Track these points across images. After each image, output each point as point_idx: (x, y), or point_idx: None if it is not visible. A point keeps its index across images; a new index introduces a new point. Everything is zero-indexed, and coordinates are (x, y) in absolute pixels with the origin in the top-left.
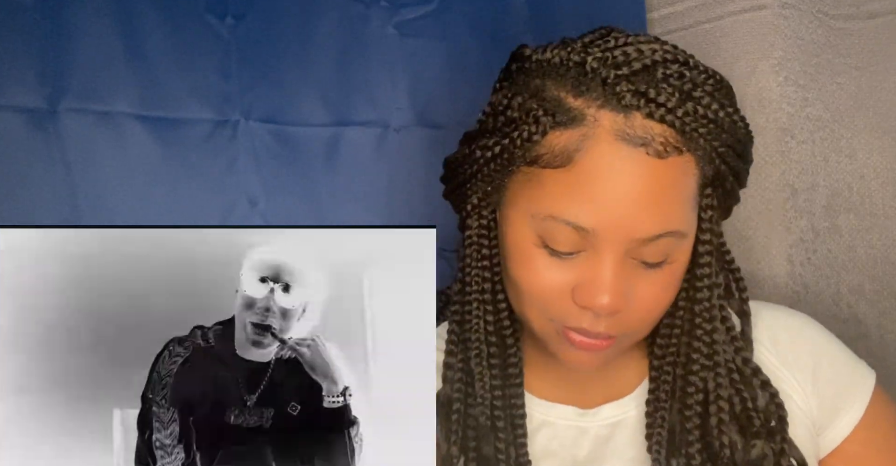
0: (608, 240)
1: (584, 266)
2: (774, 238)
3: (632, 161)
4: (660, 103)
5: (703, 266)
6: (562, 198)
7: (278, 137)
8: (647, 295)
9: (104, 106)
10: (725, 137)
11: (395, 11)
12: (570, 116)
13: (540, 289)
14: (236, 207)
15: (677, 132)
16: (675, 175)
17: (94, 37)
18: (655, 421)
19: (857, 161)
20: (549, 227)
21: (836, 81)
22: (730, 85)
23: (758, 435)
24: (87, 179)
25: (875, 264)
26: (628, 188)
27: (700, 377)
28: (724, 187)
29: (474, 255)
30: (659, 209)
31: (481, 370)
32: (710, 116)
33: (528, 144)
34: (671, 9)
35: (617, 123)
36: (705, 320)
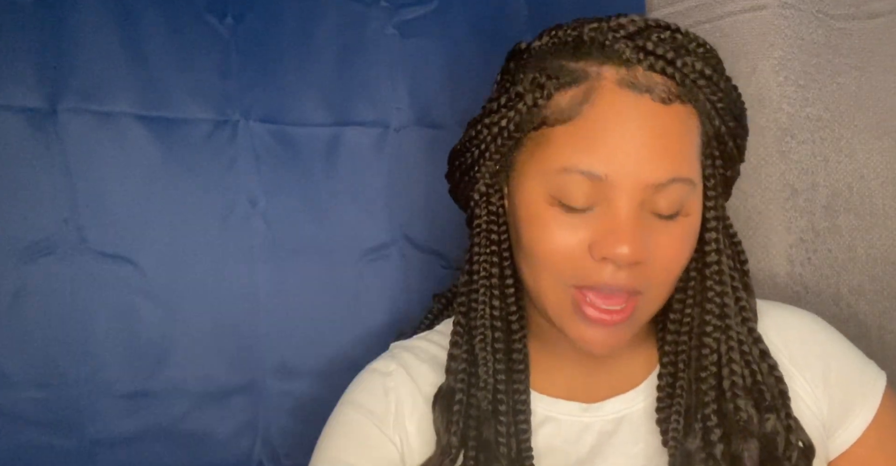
0: (622, 187)
1: (599, 221)
2: (774, 238)
3: (638, 106)
4: (659, 55)
5: (711, 231)
6: (572, 149)
7: (278, 137)
8: (666, 248)
9: (104, 106)
10: (722, 96)
11: (395, 11)
12: (574, 77)
13: (556, 249)
14: (236, 207)
15: (678, 84)
16: (680, 123)
17: (94, 37)
18: (676, 392)
19: (857, 161)
20: (562, 181)
21: (836, 81)
22: (719, 57)
23: (770, 410)
24: (87, 179)
25: (875, 264)
26: (637, 132)
27: (714, 338)
28: (724, 150)
29: (483, 242)
30: (668, 154)
31: (485, 355)
32: (707, 73)
33: (535, 109)
34: (671, 9)
35: (620, 74)
36: (716, 282)
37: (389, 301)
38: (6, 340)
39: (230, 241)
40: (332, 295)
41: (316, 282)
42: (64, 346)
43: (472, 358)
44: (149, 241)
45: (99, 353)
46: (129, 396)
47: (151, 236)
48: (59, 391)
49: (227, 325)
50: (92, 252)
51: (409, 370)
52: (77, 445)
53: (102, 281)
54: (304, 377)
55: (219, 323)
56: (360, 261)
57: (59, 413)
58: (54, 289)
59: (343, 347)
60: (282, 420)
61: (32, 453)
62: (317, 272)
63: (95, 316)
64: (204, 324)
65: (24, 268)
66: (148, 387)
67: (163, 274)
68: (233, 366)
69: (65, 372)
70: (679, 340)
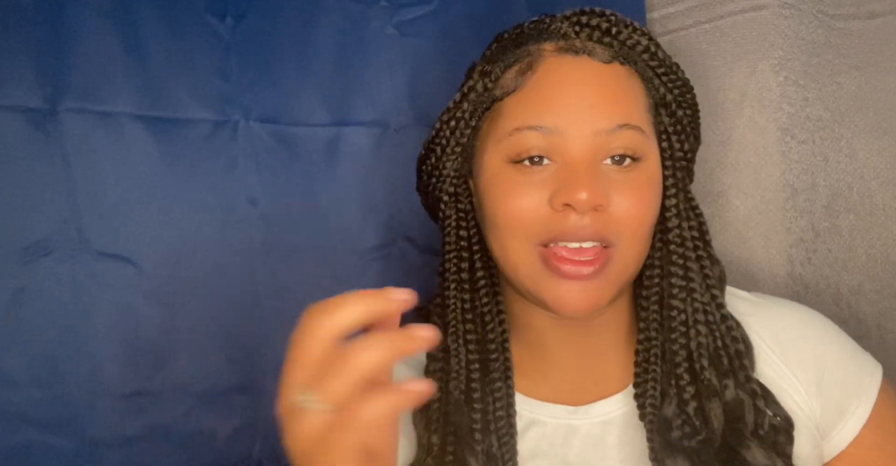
0: (572, 136)
1: (556, 175)
2: (774, 238)
3: (579, 65)
4: (594, 26)
5: (671, 197)
6: (521, 111)
7: (278, 137)
8: (627, 196)
9: (104, 106)
10: (660, 64)
11: (395, 11)
12: (517, 56)
13: (518, 208)
14: (236, 207)
15: (615, 51)
16: (623, 79)
17: (94, 37)
18: (650, 358)
19: (857, 161)
20: (515, 140)
21: (836, 81)
22: (658, 42)
23: (727, 375)
24: (87, 179)
25: (875, 264)
26: (581, 86)
27: (680, 299)
28: (675, 118)
29: (453, 239)
30: (614, 104)
31: (456, 346)
32: (644, 44)
33: (486, 94)
34: (671, 9)
35: (558, 44)
36: (678, 245)
37: None
38: (6, 340)
39: (230, 241)
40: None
41: (316, 282)
42: (64, 346)
43: (447, 354)
44: (149, 241)
45: (99, 353)
46: (129, 396)
47: (151, 236)
48: (59, 391)
49: (227, 325)
50: (92, 252)
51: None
52: (77, 445)
53: (102, 281)
54: None
55: (219, 323)
56: (360, 261)
57: (59, 413)
58: (54, 289)
59: None
60: None
61: (32, 453)
62: (317, 272)
63: (95, 316)
64: (204, 324)
65: (24, 268)
66: (148, 387)
67: (163, 274)
68: (233, 366)
69: (65, 372)
70: (650, 307)
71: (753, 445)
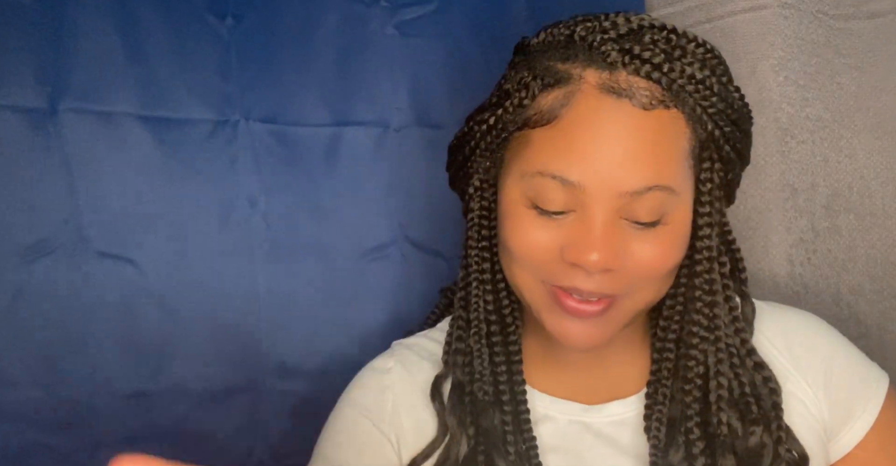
0: (596, 195)
1: (573, 226)
2: (774, 238)
3: (616, 112)
4: (644, 59)
5: (703, 239)
6: (548, 152)
7: (278, 137)
8: (643, 254)
9: (104, 106)
10: (716, 100)
11: (395, 11)
12: (557, 77)
13: (529, 248)
14: (236, 207)
15: (663, 89)
16: (662, 128)
17: (94, 37)
18: (658, 398)
19: (857, 161)
20: (538, 184)
21: (836, 81)
22: (723, 58)
23: (756, 422)
24: (87, 179)
25: (875, 264)
26: (613, 140)
27: (700, 349)
28: (720, 154)
29: (475, 236)
30: (646, 162)
31: (480, 348)
32: (699, 77)
33: (520, 109)
34: (671, 9)
35: (601, 78)
36: (705, 292)
37: (389, 301)
38: (6, 340)
39: (230, 241)
40: (332, 295)
41: (316, 282)
42: (64, 346)
43: (470, 351)
44: (149, 241)
45: (99, 353)
46: (129, 396)
47: (151, 236)
48: (59, 391)
49: (227, 325)
50: (92, 252)
51: (407, 367)
52: (77, 445)
53: (102, 281)
54: (304, 377)
55: (219, 323)
56: (360, 261)
57: (59, 413)
58: (54, 289)
59: (343, 347)
60: (282, 420)
61: (33, 453)
62: (317, 272)
63: (95, 316)
64: (204, 324)
65: (24, 268)
66: (148, 387)
67: (163, 274)
68: (233, 366)
69: (65, 372)
70: (665, 347)
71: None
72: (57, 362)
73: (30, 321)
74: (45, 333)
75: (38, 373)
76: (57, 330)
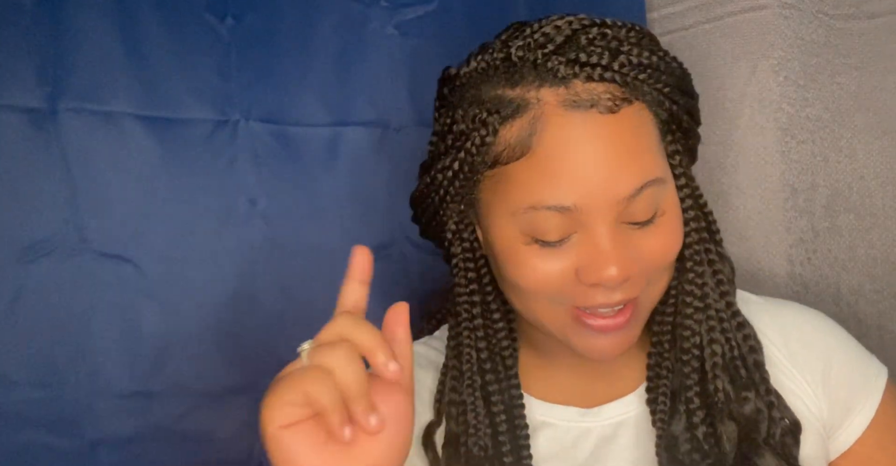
0: (595, 210)
1: (579, 248)
2: (774, 238)
3: (587, 125)
4: (594, 64)
5: (687, 211)
6: (534, 185)
7: (278, 137)
8: (652, 248)
9: (104, 106)
10: (666, 78)
11: (395, 11)
12: (514, 106)
13: (544, 283)
14: (236, 207)
15: (620, 85)
16: (633, 125)
17: (94, 37)
18: (661, 372)
19: (857, 161)
20: (533, 219)
21: (836, 81)
22: (651, 33)
23: (747, 387)
24: (87, 179)
25: (875, 264)
26: (593, 152)
27: (695, 320)
28: (681, 127)
29: (462, 282)
30: (631, 162)
31: (474, 401)
32: (645, 63)
33: (484, 148)
34: (671, 9)
35: (560, 95)
36: (696, 263)
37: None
38: (6, 340)
39: (230, 241)
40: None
41: (316, 282)
42: (64, 346)
43: (464, 403)
44: (149, 241)
45: (99, 353)
46: (129, 396)
47: (151, 236)
48: (59, 391)
49: (227, 325)
50: (92, 252)
51: None
52: (77, 445)
53: (102, 281)
54: None
55: (219, 323)
56: None
57: (59, 413)
58: (54, 289)
59: None
60: None
61: (32, 453)
62: (317, 272)
63: (95, 316)
64: (204, 324)
65: (24, 268)
66: (148, 387)
67: (163, 274)
68: (233, 366)
69: (64, 372)
70: (664, 320)
71: (766, 452)
72: (57, 362)
73: (30, 321)
74: (45, 333)
75: (38, 373)
76: (57, 330)
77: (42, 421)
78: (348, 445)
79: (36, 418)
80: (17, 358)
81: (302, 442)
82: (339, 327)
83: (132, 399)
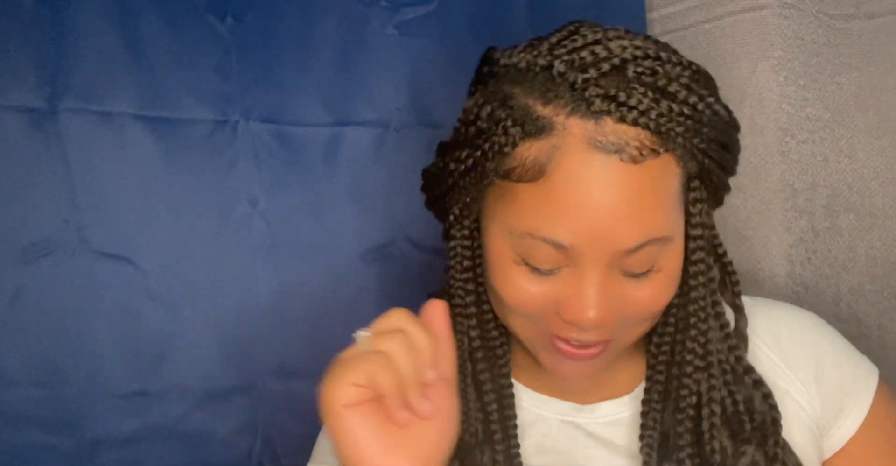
0: (590, 255)
1: (566, 281)
2: (774, 238)
3: (606, 170)
4: (631, 106)
5: (697, 263)
6: (537, 214)
7: (278, 137)
8: (638, 302)
9: (104, 106)
10: (706, 131)
11: (395, 11)
12: (539, 126)
13: (524, 302)
14: (236, 207)
15: (652, 133)
16: (654, 179)
17: (94, 37)
18: (648, 423)
19: (857, 161)
20: (528, 244)
21: (836, 81)
22: (708, 74)
23: (748, 441)
24: (87, 179)
25: (875, 264)
26: (604, 199)
27: (694, 379)
28: (710, 179)
29: (457, 267)
30: (639, 218)
31: (465, 387)
32: (687, 113)
33: (500, 156)
34: (671, 9)
35: (587, 130)
36: (700, 319)
37: (389, 301)
38: (6, 340)
39: (230, 241)
40: (332, 295)
41: (316, 282)
42: (64, 346)
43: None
44: (149, 241)
45: (99, 353)
46: (129, 396)
47: (151, 236)
48: (59, 391)
49: (227, 325)
50: (92, 252)
51: None
52: (77, 445)
53: (102, 281)
54: (304, 377)
55: (219, 323)
56: (360, 261)
57: (59, 412)
58: (54, 289)
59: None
60: (282, 420)
61: (32, 453)
62: (317, 272)
63: (95, 316)
64: (204, 324)
65: (24, 268)
66: (148, 387)
67: (163, 274)
68: (233, 366)
69: (65, 372)
70: (657, 370)
71: None
72: (57, 362)
73: (30, 321)
74: (45, 333)
75: (38, 373)
76: (57, 330)
77: (42, 421)
78: (403, 429)
79: (36, 418)
80: (17, 358)
81: (363, 422)
82: (397, 319)
83: (132, 399)
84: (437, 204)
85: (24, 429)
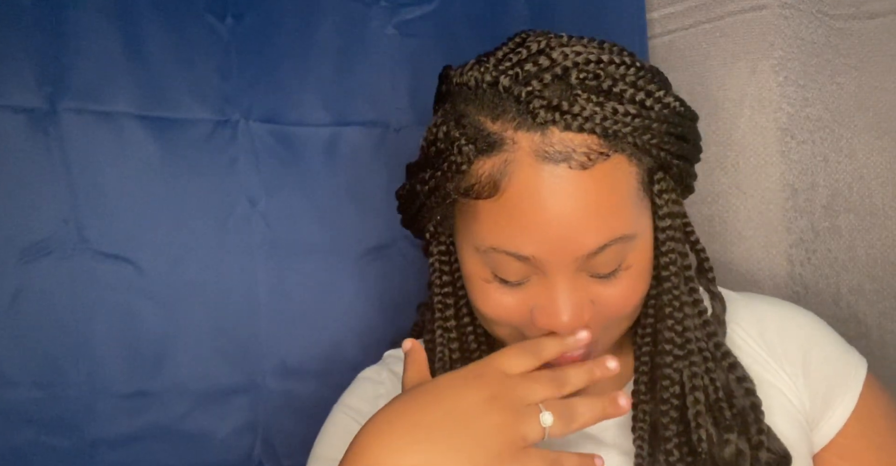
0: (553, 263)
1: (537, 290)
2: (774, 238)
3: (556, 179)
4: (574, 114)
5: (668, 253)
6: (497, 229)
7: (278, 137)
8: (610, 301)
9: (104, 106)
10: (657, 126)
11: (395, 11)
12: (491, 142)
13: (501, 314)
14: (236, 207)
15: (599, 137)
16: (607, 181)
17: (94, 37)
18: (638, 415)
19: (857, 161)
20: (494, 259)
21: (836, 81)
22: (657, 69)
23: (730, 429)
24: (86, 179)
25: (875, 264)
26: (559, 208)
27: (675, 368)
28: (670, 171)
29: (437, 281)
30: (598, 221)
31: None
32: (634, 112)
33: (458, 175)
34: (671, 9)
35: (535, 142)
36: (675, 308)
37: (389, 301)
38: (6, 340)
39: (230, 241)
40: (332, 295)
41: (316, 282)
42: (64, 346)
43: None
44: (149, 241)
45: (99, 353)
46: (129, 396)
47: (151, 236)
48: (58, 391)
49: (227, 325)
50: (92, 252)
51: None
52: (77, 445)
53: (102, 281)
54: (304, 377)
55: (219, 323)
56: (360, 261)
57: (59, 412)
58: (54, 289)
59: (343, 347)
60: (282, 420)
61: (32, 453)
62: (317, 272)
63: (95, 316)
64: (204, 324)
65: (24, 268)
66: (148, 387)
67: (163, 274)
68: (233, 366)
69: (65, 372)
70: (642, 362)
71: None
72: (57, 362)
73: (30, 321)
74: (45, 333)
75: (38, 373)
76: (57, 330)
77: (42, 421)
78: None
79: (36, 418)
80: (17, 358)
81: None
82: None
83: (132, 399)
84: (411, 224)
85: (24, 429)
